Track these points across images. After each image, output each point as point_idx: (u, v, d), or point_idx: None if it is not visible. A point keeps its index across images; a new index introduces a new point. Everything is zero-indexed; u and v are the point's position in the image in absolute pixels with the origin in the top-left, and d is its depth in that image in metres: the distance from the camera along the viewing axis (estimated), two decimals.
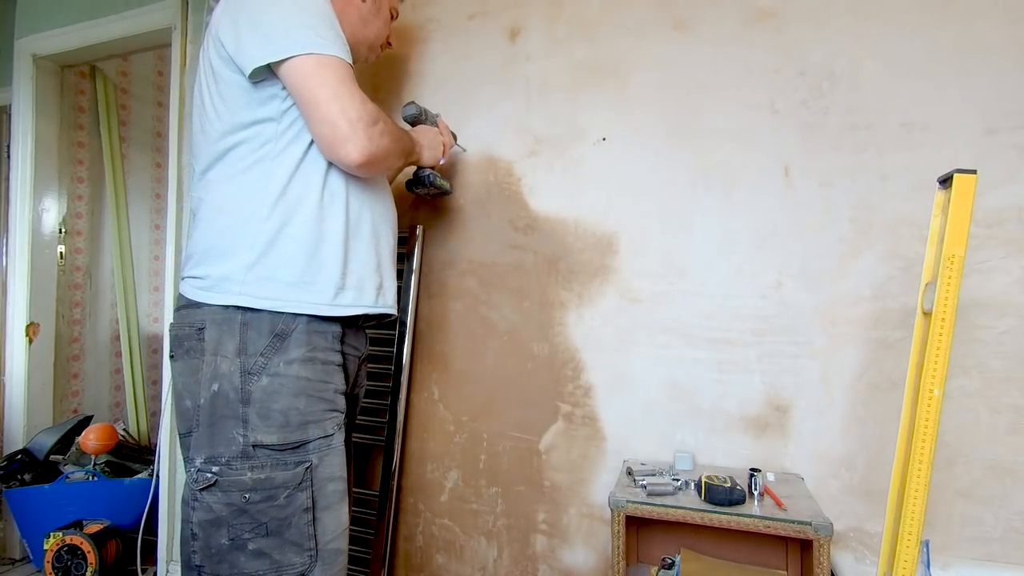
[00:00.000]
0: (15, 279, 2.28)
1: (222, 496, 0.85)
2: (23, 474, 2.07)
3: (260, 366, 0.89)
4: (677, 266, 1.34)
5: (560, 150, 1.46)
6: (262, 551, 0.86)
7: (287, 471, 0.88)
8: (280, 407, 0.88)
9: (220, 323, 0.89)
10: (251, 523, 0.85)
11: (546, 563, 1.45)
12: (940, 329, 0.86)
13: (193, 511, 0.87)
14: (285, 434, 0.88)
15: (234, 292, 0.90)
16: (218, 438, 0.87)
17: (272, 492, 0.86)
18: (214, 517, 0.85)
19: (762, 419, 1.27)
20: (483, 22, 1.55)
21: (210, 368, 0.88)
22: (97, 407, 2.62)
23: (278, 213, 0.91)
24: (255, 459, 0.86)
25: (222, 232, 0.92)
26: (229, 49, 0.90)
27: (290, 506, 0.87)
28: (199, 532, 0.86)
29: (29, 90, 2.26)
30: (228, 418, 0.87)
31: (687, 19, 1.35)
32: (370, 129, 0.91)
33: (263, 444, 0.87)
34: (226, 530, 0.85)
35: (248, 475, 0.86)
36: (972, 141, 1.15)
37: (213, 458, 0.87)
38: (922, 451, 0.86)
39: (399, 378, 1.54)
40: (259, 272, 0.90)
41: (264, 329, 0.90)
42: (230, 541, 0.85)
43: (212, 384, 0.88)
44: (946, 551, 1.13)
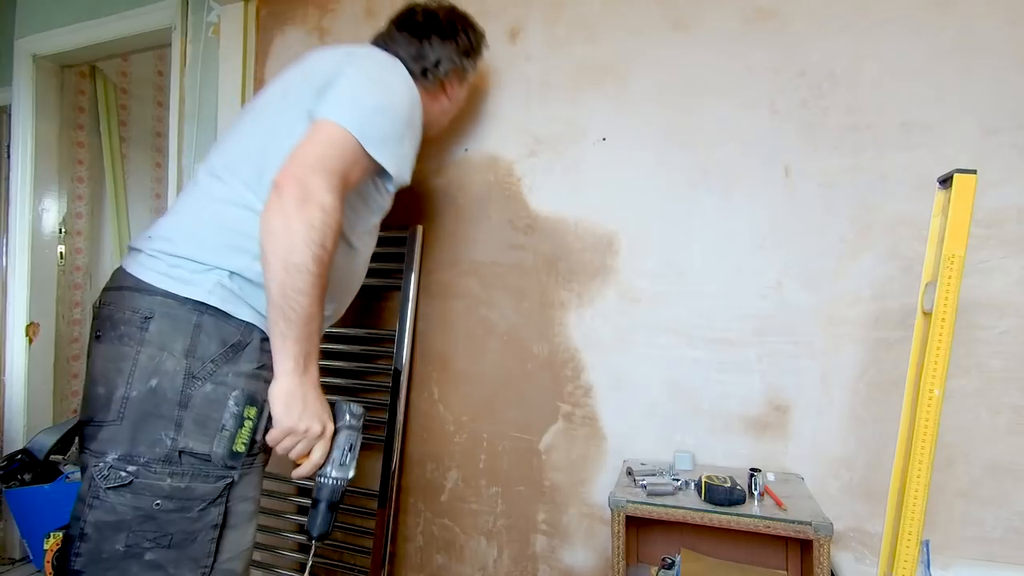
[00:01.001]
0: (15, 279, 2.28)
1: (132, 499, 0.80)
2: (23, 474, 2.07)
3: (208, 372, 0.84)
4: (677, 266, 1.34)
5: (560, 150, 1.46)
6: (158, 563, 0.81)
7: (208, 484, 0.84)
8: (215, 415, 0.85)
9: (173, 317, 0.84)
10: (155, 532, 0.81)
11: (546, 563, 1.45)
12: (940, 329, 0.86)
13: (90, 509, 0.80)
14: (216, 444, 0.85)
15: (205, 289, 0.86)
16: (142, 436, 0.81)
17: (187, 503, 0.82)
18: (115, 520, 0.80)
19: (762, 419, 1.27)
20: (483, 22, 1.54)
21: (152, 362, 0.83)
22: None
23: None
24: (178, 466, 0.82)
25: (226, 227, 0.89)
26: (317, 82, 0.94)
27: (201, 520, 0.84)
28: (91, 533, 0.80)
29: (29, 90, 2.26)
30: (159, 418, 0.82)
31: (687, 19, 1.35)
32: (316, 212, 0.82)
33: (192, 452, 0.83)
34: (125, 535, 0.80)
35: (167, 481, 0.81)
36: (972, 141, 1.15)
37: (130, 456, 0.81)
38: (922, 451, 0.86)
39: (399, 378, 1.54)
40: (241, 278, 0.88)
41: (217, 335, 0.86)
42: (126, 548, 0.80)
43: (150, 379, 0.82)
44: (946, 551, 1.13)
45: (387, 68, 1.02)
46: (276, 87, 1.01)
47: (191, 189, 0.98)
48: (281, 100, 0.98)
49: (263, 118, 0.98)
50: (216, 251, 0.88)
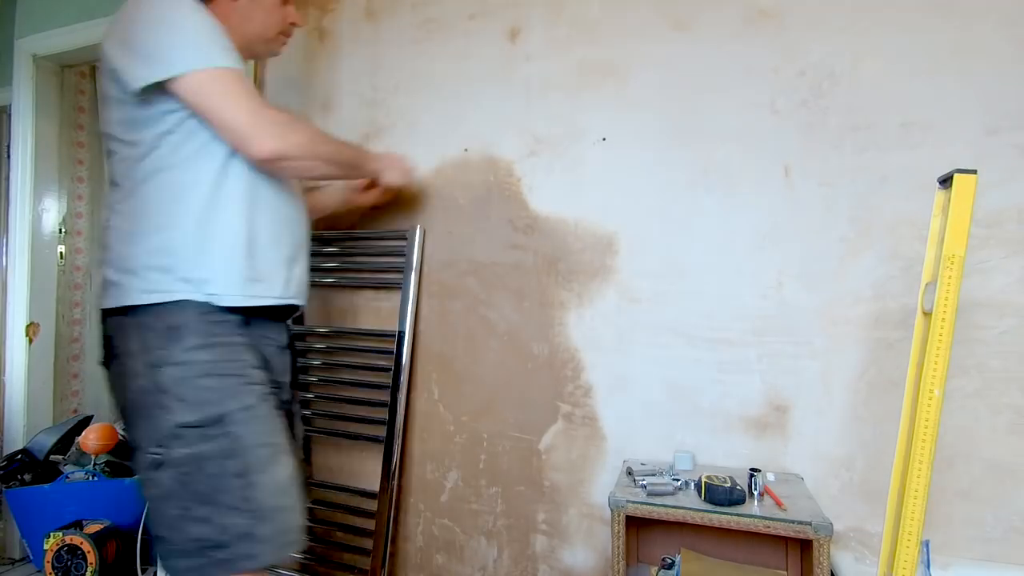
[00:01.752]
0: (15, 279, 2.28)
1: (168, 473, 0.95)
2: (23, 474, 2.07)
3: (162, 358, 0.97)
4: (677, 266, 1.34)
5: (560, 150, 1.46)
6: (205, 517, 0.94)
7: (213, 443, 0.96)
8: (192, 388, 0.97)
9: (121, 327, 0.99)
10: (190, 493, 0.95)
11: (546, 563, 1.45)
12: (940, 329, 0.86)
13: (147, 488, 0.97)
14: (204, 410, 0.96)
15: (128, 296, 0.98)
16: (152, 424, 0.96)
17: (202, 463, 0.95)
18: (164, 491, 0.95)
19: (762, 419, 1.27)
20: (483, 22, 1.55)
21: (130, 368, 0.98)
22: (97, 407, 2.61)
23: (180, 219, 1.00)
24: (185, 438, 0.95)
25: (119, 237, 1.02)
26: (116, 69, 0.98)
27: (221, 474, 0.95)
28: (156, 505, 0.97)
29: (29, 90, 2.26)
30: (153, 407, 0.96)
31: (687, 19, 1.35)
32: (273, 127, 1.02)
33: (188, 423, 0.95)
34: (174, 501, 0.95)
35: (181, 451, 0.95)
36: (972, 141, 1.15)
37: (154, 441, 0.96)
38: (922, 451, 0.86)
39: (399, 378, 1.54)
40: (152, 273, 0.99)
41: (155, 325, 0.98)
42: (178, 511, 0.95)
43: (133, 381, 0.97)
44: (946, 551, 1.13)
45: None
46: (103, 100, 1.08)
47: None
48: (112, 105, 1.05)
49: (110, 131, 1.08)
50: (122, 257, 1.01)
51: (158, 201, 1.00)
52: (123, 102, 0.99)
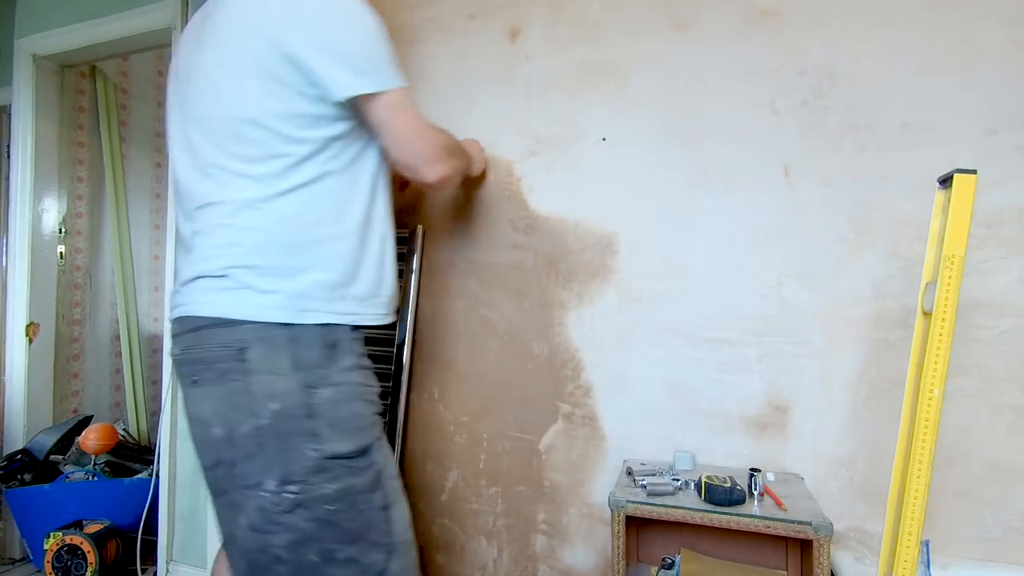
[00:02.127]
0: (15, 279, 2.28)
1: (306, 513, 0.84)
2: (23, 474, 2.07)
3: (320, 378, 0.88)
4: (677, 266, 1.34)
5: (560, 150, 1.46)
6: (351, 558, 0.86)
7: (362, 477, 0.89)
8: (347, 414, 0.90)
9: (266, 340, 0.87)
10: (338, 533, 0.86)
11: (546, 563, 1.45)
12: (940, 329, 0.86)
13: (274, 535, 0.84)
14: (357, 439, 0.90)
15: (287, 311, 0.89)
16: (289, 456, 0.85)
17: (354, 498, 0.88)
18: (300, 536, 0.84)
19: (762, 419, 1.27)
20: (483, 22, 1.55)
21: (266, 388, 0.85)
22: (97, 407, 2.62)
23: (337, 229, 0.94)
24: (331, 471, 0.86)
25: (278, 244, 0.90)
26: (309, 68, 0.88)
27: (369, 509, 0.89)
28: (287, 555, 0.84)
29: (29, 90, 2.26)
30: (295, 435, 0.85)
31: (687, 19, 1.35)
32: (446, 154, 1.04)
33: (339, 455, 0.87)
34: (314, 545, 0.85)
35: (329, 487, 0.85)
36: (972, 141, 1.14)
37: (287, 478, 0.84)
38: (922, 451, 0.86)
39: (399, 378, 1.54)
40: (313, 289, 0.91)
41: (314, 342, 0.89)
42: (320, 556, 0.85)
43: (270, 404, 0.85)
44: (946, 551, 1.13)
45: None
46: (246, 69, 0.90)
47: (207, 190, 0.93)
48: (269, 85, 0.90)
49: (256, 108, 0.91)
50: (281, 265, 0.90)
51: (321, 208, 0.93)
52: (295, 93, 0.89)
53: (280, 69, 0.88)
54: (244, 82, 0.89)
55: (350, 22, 0.91)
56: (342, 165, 0.95)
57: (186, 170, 0.96)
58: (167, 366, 1.89)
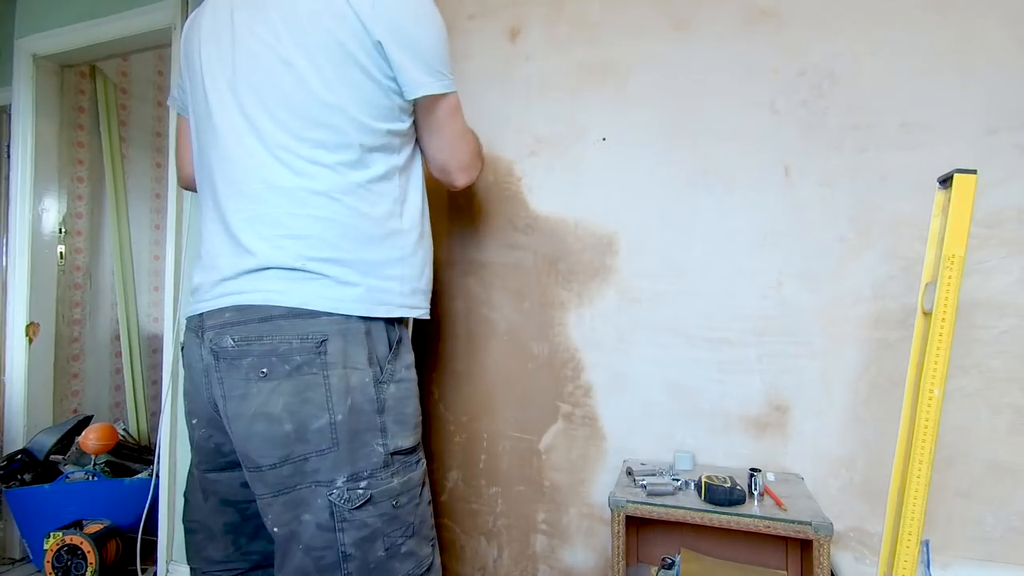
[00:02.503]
0: (15, 279, 2.28)
1: (374, 509, 0.85)
2: (23, 474, 2.07)
3: (389, 374, 0.91)
4: (677, 266, 1.34)
5: (560, 150, 1.46)
6: (411, 551, 0.89)
7: (416, 470, 0.92)
8: (411, 410, 0.93)
9: (345, 333, 0.86)
10: (402, 526, 0.88)
11: (546, 563, 1.45)
12: (940, 329, 0.86)
13: (343, 532, 0.83)
14: (415, 435, 0.93)
15: (365, 303, 0.89)
16: (359, 453, 0.85)
17: (412, 492, 0.90)
18: (369, 532, 0.84)
19: (762, 419, 1.27)
20: (483, 22, 1.55)
21: (342, 383, 0.84)
22: (97, 407, 2.62)
23: (404, 223, 0.96)
24: (394, 466, 0.88)
25: (356, 237, 0.89)
26: (392, 60, 0.89)
27: (423, 502, 0.93)
28: (354, 551, 0.84)
29: (29, 90, 2.26)
30: (366, 431, 0.86)
31: (687, 19, 1.35)
32: (477, 160, 1.11)
33: (401, 449, 0.89)
34: (381, 540, 0.85)
35: (395, 481, 0.88)
36: (972, 141, 1.15)
37: (357, 474, 0.84)
38: (922, 451, 0.86)
39: None
40: (387, 282, 0.93)
41: (383, 337, 0.92)
42: (386, 551, 0.86)
43: (346, 399, 0.84)
44: (946, 551, 1.13)
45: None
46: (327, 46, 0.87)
47: (276, 177, 0.88)
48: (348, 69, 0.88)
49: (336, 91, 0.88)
50: (360, 257, 0.90)
51: (390, 202, 0.94)
52: (374, 83, 0.89)
53: (364, 57, 0.87)
54: (324, 66, 0.86)
55: (430, 20, 0.94)
56: (404, 160, 0.98)
57: (246, 148, 0.89)
58: (167, 366, 1.89)
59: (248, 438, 0.84)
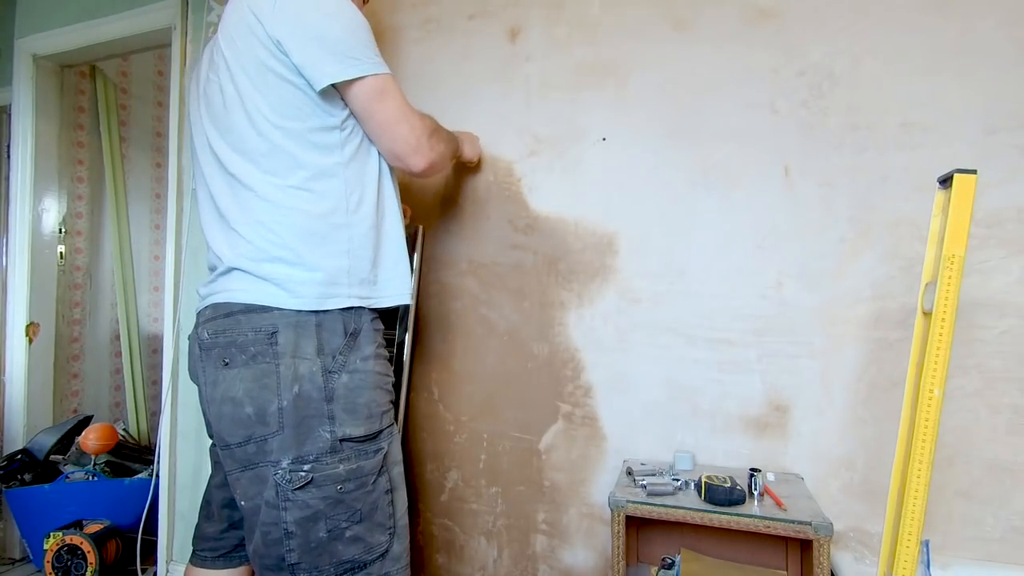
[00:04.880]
0: (15, 279, 2.28)
1: (317, 491, 0.90)
2: (23, 474, 2.07)
3: (340, 364, 0.94)
4: (677, 266, 1.34)
5: (560, 150, 1.46)
6: (357, 536, 0.92)
7: (371, 459, 0.95)
8: (364, 401, 0.95)
9: (295, 326, 0.92)
10: (347, 511, 0.91)
11: (546, 563, 1.45)
12: (940, 329, 0.86)
13: (286, 511, 0.90)
14: (369, 425, 0.95)
15: (312, 298, 0.94)
16: (305, 437, 0.90)
17: (363, 479, 0.93)
18: (311, 512, 0.89)
19: (762, 419, 1.27)
20: (483, 22, 1.55)
21: (289, 371, 0.91)
22: (97, 407, 2.62)
23: (352, 217, 0.98)
24: (343, 452, 0.92)
25: (299, 235, 0.95)
26: (295, 58, 0.92)
27: (376, 490, 0.95)
28: (296, 530, 0.89)
29: (29, 90, 2.26)
30: (313, 417, 0.91)
31: (687, 19, 1.35)
32: (431, 140, 1.06)
33: (351, 437, 0.93)
34: (323, 522, 0.90)
35: (341, 467, 0.91)
36: (972, 141, 1.15)
37: (302, 457, 0.90)
38: (922, 451, 0.86)
39: (399, 378, 1.54)
40: (335, 275, 0.96)
41: (338, 328, 0.95)
42: (328, 532, 0.90)
43: (293, 387, 0.91)
44: (946, 551, 1.13)
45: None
46: (249, 69, 0.95)
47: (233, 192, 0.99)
48: (269, 80, 0.95)
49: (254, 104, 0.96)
50: (305, 255, 0.95)
51: (333, 199, 0.97)
52: (286, 83, 0.94)
53: (275, 61, 0.93)
54: (244, 81, 0.95)
55: (335, 11, 0.95)
56: (348, 156, 1.00)
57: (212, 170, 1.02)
58: (167, 366, 1.89)
59: (219, 419, 0.93)
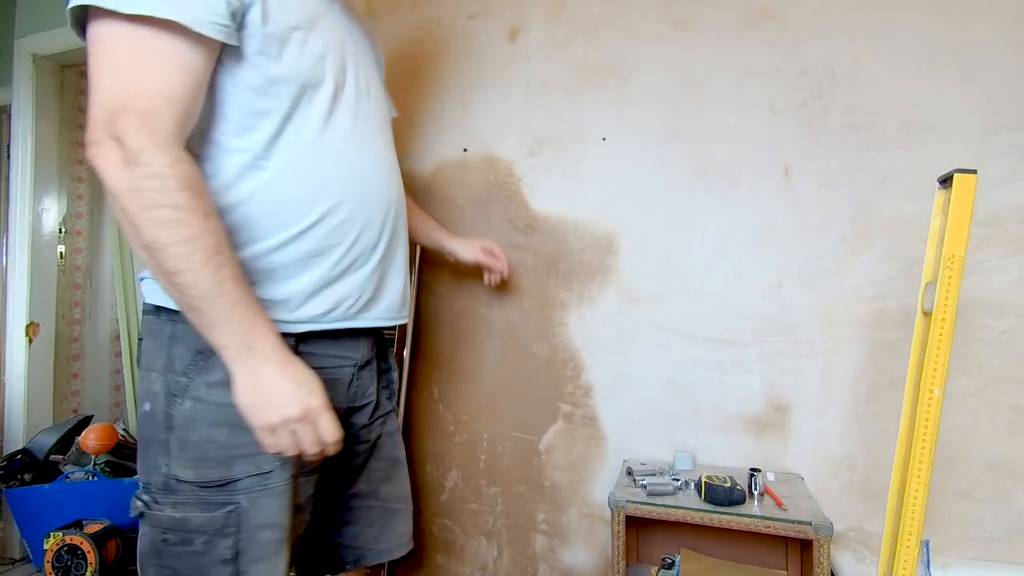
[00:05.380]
0: (15, 279, 2.28)
1: (148, 530, 0.74)
2: (23, 474, 2.07)
3: (183, 387, 0.74)
4: (677, 266, 1.34)
5: (560, 150, 1.46)
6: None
7: (206, 513, 0.73)
8: (197, 438, 0.73)
9: (153, 333, 0.77)
10: (166, 569, 0.73)
11: (546, 563, 1.45)
12: (940, 329, 0.86)
13: (140, 536, 0.77)
14: (203, 470, 0.73)
15: (156, 289, 0.74)
16: (147, 464, 0.76)
17: (188, 536, 0.72)
18: (143, 550, 0.75)
19: (762, 419, 1.27)
20: (483, 22, 1.55)
21: (143, 385, 0.77)
22: (97, 407, 2.62)
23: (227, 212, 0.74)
24: (178, 494, 0.73)
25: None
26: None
27: (208, 554, 0.73)
28: (140, 559, 0.76)
29: (29, 90, 2.26)
30: (154, 443, 0.75)
31: (687, 19, 1.35)
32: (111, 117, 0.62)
33: (184, 479, 0.73)
34: (151, 567, 0.74)
35: (167, 512, 0.73)
36: (972, 141, 1.15)
37: (145, 485, 0.76)
38: (922, 451, 0.86)
39: (399, 378, 1.54)
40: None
41: (189, 342, 0.73)
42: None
43: (144, 403, 0.76)
44: (946, 551, 1.13)
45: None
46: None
47: None
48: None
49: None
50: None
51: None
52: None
53: None
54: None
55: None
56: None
57: None
58: None
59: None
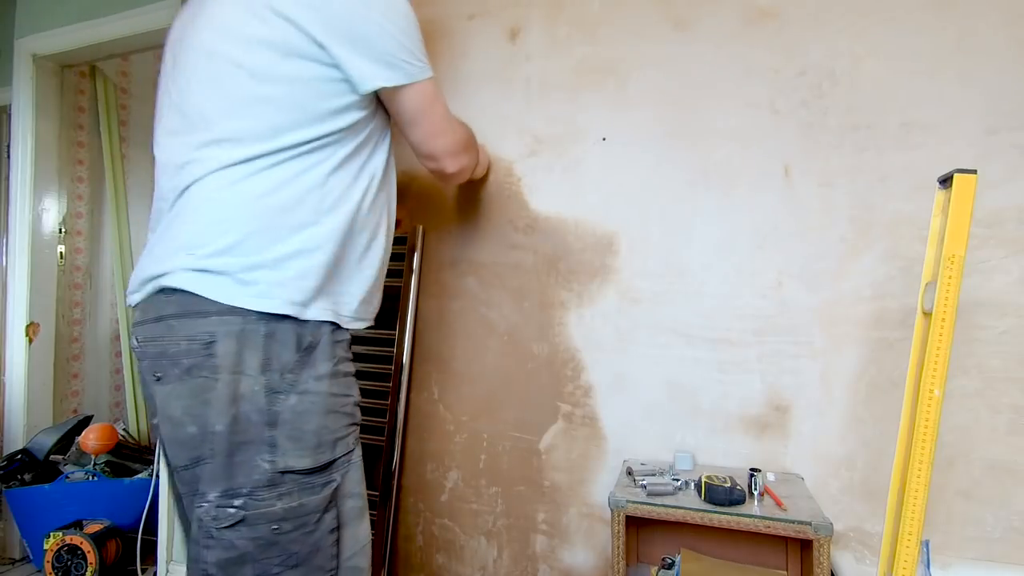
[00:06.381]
0: (15, 279, 2.28)
1: (247, 531, 0.77)
2: (23, 474, 2.07)
3: (290, 383, 0.80)
4: (677, 266, 1.34)
5: (560, 150, 1.46)
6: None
7: (316, 495, 0.81)
8: (313, 427, 0.81)
9: (237, 335, 0.78)
10: (281, 555, 0.78)
11: (546, 563, 1.45)
12: (940, 329, 0.86)
13: (207, 550, 0.77)
14: (317, 456, 0.82)
15: (263, 296, 0.79)
16: (238, 468, 0.77)
17: (303, 519, 0.80)
18: (237, 555, 0.76)
19: (762, 419, 1.27)
20: (483, 22, 1.55)
21: (228, 389, 0.77)
22: (97, 407, 2.62)
23: (328, 219, 0.86)
24: (283, 486, 0.78)
25: (266, 227, 0.81)
26: (333, 51, 0.82)
27: (319, 530, 0.81)
28: (216, 572, 0.77)
29: (29, 90, 2.26)
30: (251, 444, 0.78)
31: (687, 19, 1.35)
32: (470, 149, 1.14)
33: (294, 469, 0.79)
34: (251, 567, 0.77)
35: (278, 504, 0.78)
36: (972, 141, 1.14)
37: (233, 491, 0.77)
38: (922, 451, 0.86)
39: (399, 378, 1.54)
40: (292, 275, 0.82)
41: (290, 341, 0.81)
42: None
43: (231, 408, 0.77)
44: (946, 551, 1.13)
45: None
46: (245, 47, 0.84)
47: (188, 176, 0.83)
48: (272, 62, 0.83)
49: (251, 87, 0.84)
50: (266, 247, 0.81)
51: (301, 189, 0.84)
52: (306, 79, 0.82)
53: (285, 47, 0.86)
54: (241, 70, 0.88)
55: (373, 4, 0.86)
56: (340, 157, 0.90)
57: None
58: None
59: (161, 440, 0.83)
